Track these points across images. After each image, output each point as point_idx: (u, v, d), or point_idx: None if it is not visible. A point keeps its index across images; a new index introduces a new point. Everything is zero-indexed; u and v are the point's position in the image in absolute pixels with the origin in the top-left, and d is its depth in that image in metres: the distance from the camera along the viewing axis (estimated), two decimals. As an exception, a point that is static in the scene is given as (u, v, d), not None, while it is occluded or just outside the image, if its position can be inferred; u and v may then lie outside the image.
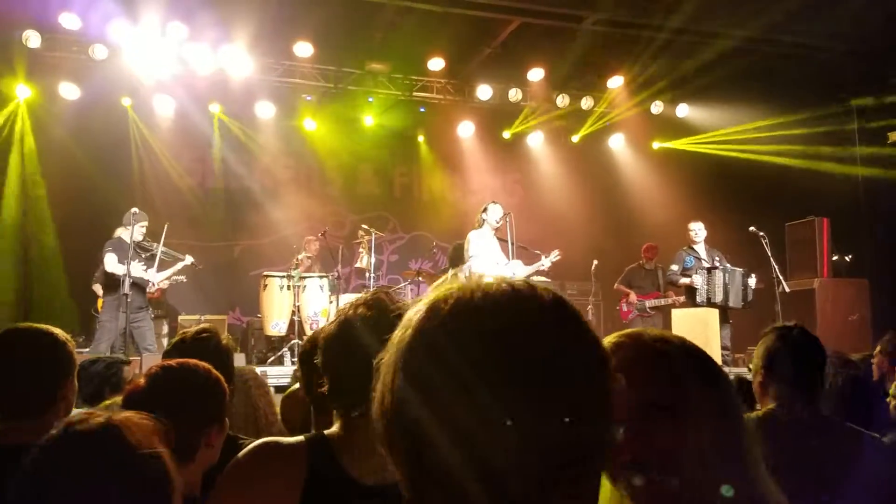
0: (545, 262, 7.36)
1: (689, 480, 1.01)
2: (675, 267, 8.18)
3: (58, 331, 1.98)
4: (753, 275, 7.95)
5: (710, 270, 7.89)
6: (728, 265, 7.96)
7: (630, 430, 0.91)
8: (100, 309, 7.53)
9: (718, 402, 1.09)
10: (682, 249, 8.25)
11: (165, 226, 7.26)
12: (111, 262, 7.08)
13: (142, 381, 1.66)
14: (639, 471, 1.00)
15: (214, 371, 1.73)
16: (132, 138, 9.68)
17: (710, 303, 7.79)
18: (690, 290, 8.04)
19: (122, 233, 7.37)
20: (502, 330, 0.67)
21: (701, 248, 8.16)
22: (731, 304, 7.82)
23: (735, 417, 1.11)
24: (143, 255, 7.22)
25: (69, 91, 9.18)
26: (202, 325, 2.29)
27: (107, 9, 7.99)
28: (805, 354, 2.33)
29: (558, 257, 7.40)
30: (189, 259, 7.51)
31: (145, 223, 7.23)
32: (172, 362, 1.70)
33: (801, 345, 2.34)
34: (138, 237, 7.11)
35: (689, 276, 8.01)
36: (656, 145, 11.63)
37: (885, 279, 8.49)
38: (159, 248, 7.24)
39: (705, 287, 7.85)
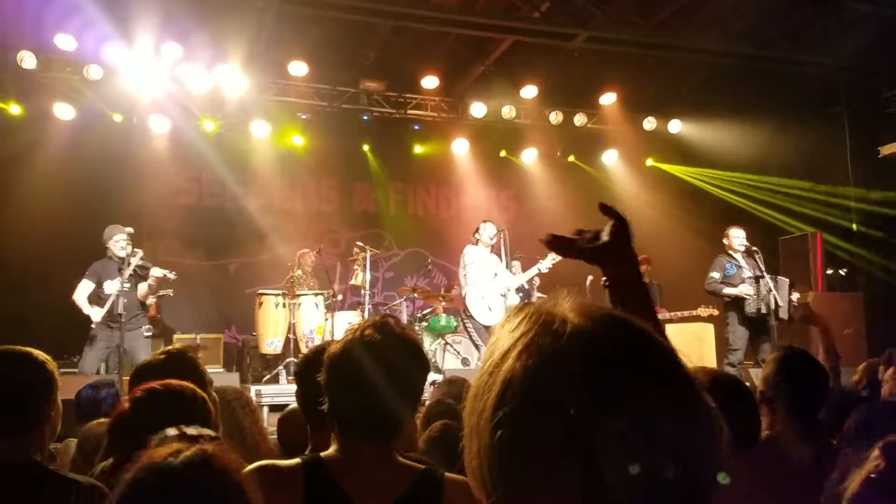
0: (543, 266, 7.37)
1: None
2: (715, 275, 7.46)
3: (36, 352, 1.90)
4: (796, 293, 7.45)
5: (758, 279, 7.26)
6: (768, 275, 7.33)
7: None
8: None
9: None
10: (722, 255, 7.59)
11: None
12: (77, 292, 6.72)
13: (126, 405, 1.66)
14: None
15: (199, 391, 1.73)
16: (127, 158, 9.65)
17: (759, 314, 7.21)
18: (736, 302, 7.39)
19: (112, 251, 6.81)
20: None
21: (740, 257, 7.52)
22: (780, 315, 7.17)
23: None
24: (131, 271, 6.67)
25: (64, 111, 9.18)
26: (166, 348, 2.25)
27: (102, 30, 8.02)
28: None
29: (557, 259, 7.33)
30: (158, 272, 6.89)
31: (120, 236, 6.69)
32: (156, 384, 1.69)
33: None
34: (121, 253, 6.62)
35: (733, 284, 7.38)
36: (649, 162, 11.67)
37: (878, 293, 8.52)
38: (134, 260, 6.71)
39: (755, 297, 7.25)
